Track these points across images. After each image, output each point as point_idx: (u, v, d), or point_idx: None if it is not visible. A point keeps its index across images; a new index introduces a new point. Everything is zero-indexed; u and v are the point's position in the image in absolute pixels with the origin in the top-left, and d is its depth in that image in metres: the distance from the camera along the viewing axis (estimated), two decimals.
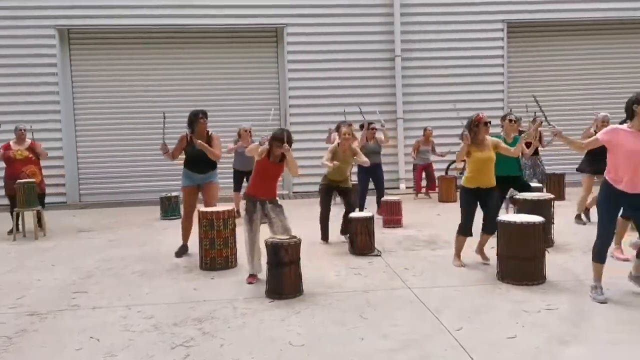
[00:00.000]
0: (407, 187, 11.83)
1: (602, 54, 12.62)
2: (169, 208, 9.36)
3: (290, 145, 5.02)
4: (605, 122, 6.97)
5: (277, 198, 5.28)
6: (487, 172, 5.34)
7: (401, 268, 5.52)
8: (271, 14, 11.74)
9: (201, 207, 5.98)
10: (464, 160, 5.60)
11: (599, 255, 4.34)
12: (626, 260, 5.24)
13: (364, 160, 6.88)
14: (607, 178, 4.27)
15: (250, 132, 8.83)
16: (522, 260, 4.74)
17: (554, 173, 9.72)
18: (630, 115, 4.17)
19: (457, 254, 5.60)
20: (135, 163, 11.83)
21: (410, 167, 11.55)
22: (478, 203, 5.44)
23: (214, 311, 4.38)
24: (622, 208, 4.38)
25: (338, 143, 6.86)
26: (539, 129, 7.02)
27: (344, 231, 6.91)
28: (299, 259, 4.79)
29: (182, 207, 6.87)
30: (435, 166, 10.82)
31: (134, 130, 11.92)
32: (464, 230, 5.46)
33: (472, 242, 5.63)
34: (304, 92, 11.89)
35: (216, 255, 5.66)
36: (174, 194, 9.54)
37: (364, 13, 11.87)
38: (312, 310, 4.33)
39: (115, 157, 11.93)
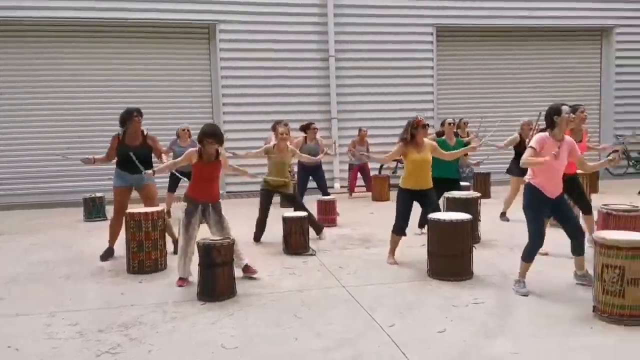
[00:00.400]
0: (341, 187, 11.93)
1: (528, 60, 13.18)
2: (93, 209, 8.94)
3: (222, 142, 4.94)
4: (528, 125, 7.46)
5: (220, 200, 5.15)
6: (424, 173, 5.47)
7: (336, 267, 5.54)
8: (203, 10, 11.48)
9: (132, 208, 5.74)
10: (396, 160, 5.71)
11: (529, 255, 4.51)
12: (545, 254, 5.49)
13: (307, 157, 6.91)
14: (532, 182, 4.45)
15: (189, 131, 8.64)
16: (451, 257, 4.88)
17: (480, 172, 10.10)
18: (550, 124, 4.39)
19: (392, 252, 5.68)
20: (55, 163, 11.08)
21: (345, 167, 11.67)
22: (416, 203, 5.55)
23: (141, 316, 4.20)
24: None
25: (274, 144, 6.81)
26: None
27: (318, 232, 6.93)
28: (232, 260, 4.70)
29: (110, 208, 6.55)
30: (370, 165, 10.98)
31: (53, 129, 11.28)
32: (399, 229, 5.55)
33: (409, 241, 5.74)
34: (237, 90, 11.71)
35: (144, 258, 5.44)
36: (98, 194, 9.12)
37: (299, 12, 11.85)
38: (246, 312, 4.25)
39: (35, 157, 11.24)
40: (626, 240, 3.78)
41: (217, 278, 4.51)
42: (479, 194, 6.48)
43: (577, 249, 4.55)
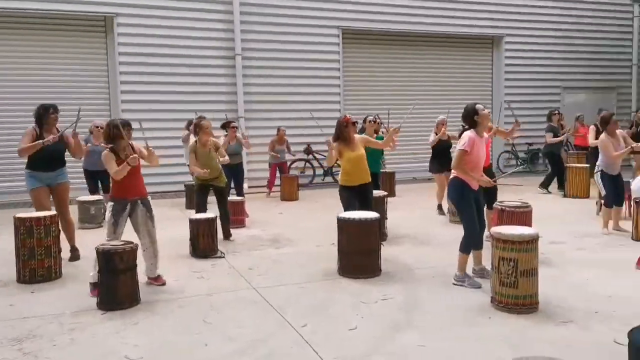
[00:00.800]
0: (250, 187, 11.79)
1: (428, 64, 13.79)
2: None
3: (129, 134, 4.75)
4: (443, 123, 7.98)
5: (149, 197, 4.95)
6: (362, 168, 5.58)
7: (245, 268, 5.45)
8: (99, 1, 10.82)
9: (20, 213, 5.27)
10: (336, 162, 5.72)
11: (467, 248, 4.70)
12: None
13: (225, 157, 6.80)
14: (459, 177, 4.64)
15: (102, 128, 8.17)
16: (361, 255, 4.98)
17: (386, 171, 10.43)
18: (471, 124, 4.65)
19: None
20: None
21: (254, 167, 11.56)
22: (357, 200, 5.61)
23: (36, 328, 3.87)
24: None
25: (196, 140, 6.61)
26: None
27: (226, 236, 6.74)
28: (136, 265, 4.46)
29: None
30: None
31: None
32: None
33: (319, 239, 5.76)
34: (137, 87, 11.16)
35: (37, 266, 5.02)
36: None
37: (203, 8, 11.55)
38: (151, 320, 4.05)
39: None
40: (519, 234, 4.06)
41: (120, 285, 4.26)
42: (386, 193, 6.68)
43: (480, 242, 4.80)
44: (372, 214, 5.14)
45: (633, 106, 15.10)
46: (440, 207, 8.23)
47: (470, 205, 4.66)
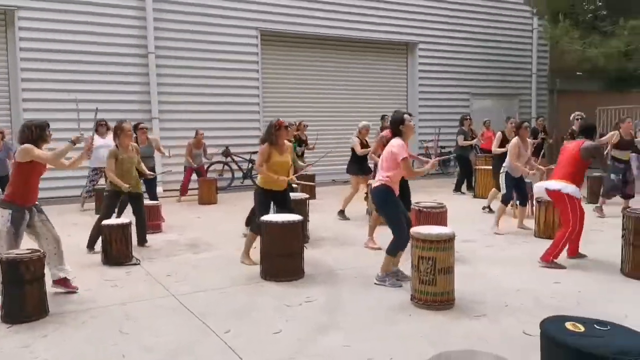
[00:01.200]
0: (164, 190, 11.40)
1: (346, 68, 14.02)
2: None
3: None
4: (367, 130, 8.13)
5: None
6: (283, 175, 5.52)
7: (163, 275, 5.25)
8: None
9: None
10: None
11: (394, 250, 4.75)
12: (379, 249, 5.88)
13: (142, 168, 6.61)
14: (387, 184, 4.71)
15: (3, 133, 7.73)
16: (284, 258, 4.95)
17: (306, 174, 10.46)
18: (396, 132, 4.76)
19: (246, 252, 5.61)
20: None
21: (169, 169, 11.19)
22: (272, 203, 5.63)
23: None
24: None
25: (116, 145, 6.30)
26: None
27: (141, 242, 6.45)
28: (43, 275, 4.16)
29: None
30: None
31: None
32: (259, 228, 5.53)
33: (239, 244, 5.66)
34: (40, 85, 10.44)
35: None
36: None
37: (114, 4, 11.02)
38: (62, 332, 3.79)
39: None
40: (436, 234, 4.21)
41: (26, 296, 3.95)
42: (307, 196, 6.70)
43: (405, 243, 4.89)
44: (295, 216, 5.13)
45: (533, 112, 16.23)
46: (342, 212, 8.30)
47: (397, 208, 4.76)
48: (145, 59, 11.36)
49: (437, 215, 5.71)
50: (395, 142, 4.72)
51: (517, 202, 7.51)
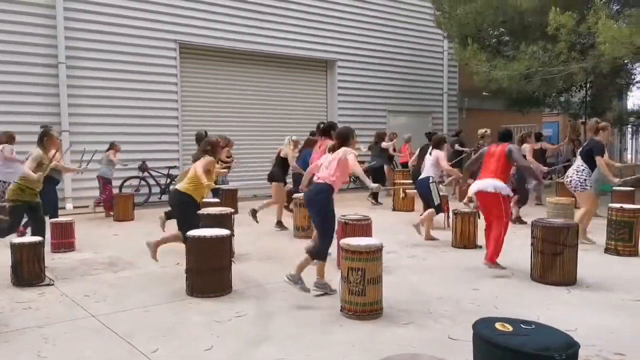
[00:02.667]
0: (74, 207, 10.79)
1: (266, 83, 14.02)
2: None
3: None
4: (297, 142, 8.44)
5: None
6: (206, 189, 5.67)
7: (81, 295, 4.96)
8: None
9: None
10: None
11: (324, 255, 4.85)
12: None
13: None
14: (332, 185, 4.87)
15: None
16: (212, 273, 4.85)
17: (229, 189, 10.34)
18: (344, 144, 5.01)
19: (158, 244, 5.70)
20: None
21: (79, 185, 10.64)
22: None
23: None
24: None
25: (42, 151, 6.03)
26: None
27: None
28: None
29: None
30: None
31: None
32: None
33: (162, 260, 5.47)
34: None
35: None
36: None
37: (21, 11, 10.37)
38: None
39: None
40: (365, 245, 4.31)
41: None
42: (232, 210, 6.62)
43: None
44: (223, 231, 5.05)
45: (444, 129, 17.09)
46: (280, 222, 8.34)
47: (334, 214, 4.91)
48: (55, 69, 10.76)
49: (363, 227, 5.84)
50: (350, 152, 4.91)
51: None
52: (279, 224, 8.35)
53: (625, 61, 11.73)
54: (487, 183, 5.75)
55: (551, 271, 5.29)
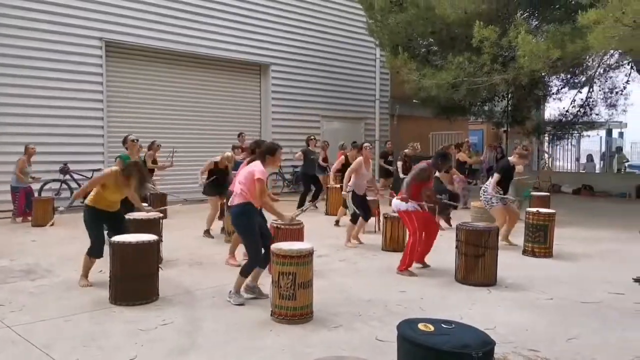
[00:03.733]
0: None
1: (199, 86, 13.72)
2: None
3: None
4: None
5: None
6: (120, 197, 5.48)
7: None
8: None
9: None
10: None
11: (248, 272, 4.77)
12: (238, 266, 5.82)
13: None
14: (249, 206, 4.73)
15: None
16: (137, 280, 4.70)
17: (158, 193, 10.05)
18: (264, 160, 4.83)
19: (85, 275, 5.37)
20: None
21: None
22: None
23: None
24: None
25: None
26: None
27: None
28: None
29: None
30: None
31: None
32: (96, 252, 5.32)
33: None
34: None
35: None
36: None
37: None
38: None
39: None
40: (296, 249, 4.33)
41: None
42: (161, 215, 6.44)
43: (264, 262, 4.88)
44: (149, 236, 4.90)
45: (376, 135, 17.47)
46: (207, 232, 8.20)
47: (255, 229, 4.78)
48: None
49: (295, 232, 5.86)
50: (258, 165, 4.80)
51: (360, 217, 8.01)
52: (207, 232, 8.18)
53: (543, 74, 12.45)
54: (396, 204, 6.05)
55: (474, 272, 5.52)
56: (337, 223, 9.13)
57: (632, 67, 14.34)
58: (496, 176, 7.41)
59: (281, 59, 15.06)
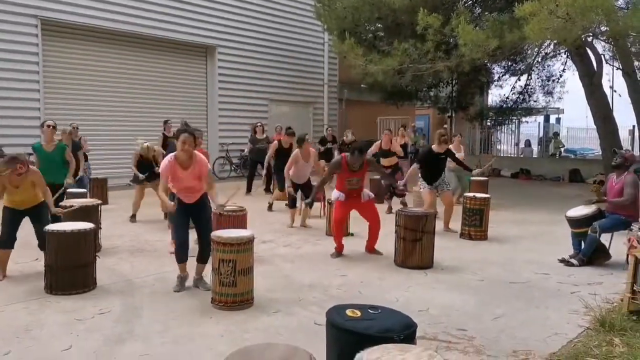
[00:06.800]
0: None
1: (141, 67, 13.36)
2: None
3: None
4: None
5: None
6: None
7: None
8: None
9: None
10: None
11: (177, 258, 4.78)
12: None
13: None
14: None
15: None
16: (74, 269, 4.61)
17: (97, 178, 9.80)
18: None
19: (2, 268, 5.13)
20: None
21: None
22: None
23: None
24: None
25: None
26: None
27: None
28: None
29: None
30: None
31: None
32: (6, 243, 5.07)
33: (16, 256, 5.08)
34: None
35: None
36: None
37: None
38: None
39: None
40: (236, 237, 4.36)
41: None
42: (99, 201, 6.30)
43: (204, 256, 4.85)
44: (86, 224, 4.81)
45: (325, 119, 17.57)
46: (133, 216, 8.14)
47: (180, 217, 4.76)
48: None
49: (238, 219, 5.88)
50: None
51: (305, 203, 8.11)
52: (133, 217, 8.13)
53: (485, 61, 12.84)
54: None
55: (411, 256, 5.72)
56: (270, 207, 9.30)
57: (567, 56, 14.97)
58: (414, 165, 7.72)
59: (228, 40, 14.85)
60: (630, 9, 10.81)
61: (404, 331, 2.48)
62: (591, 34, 10.78)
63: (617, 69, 13.49)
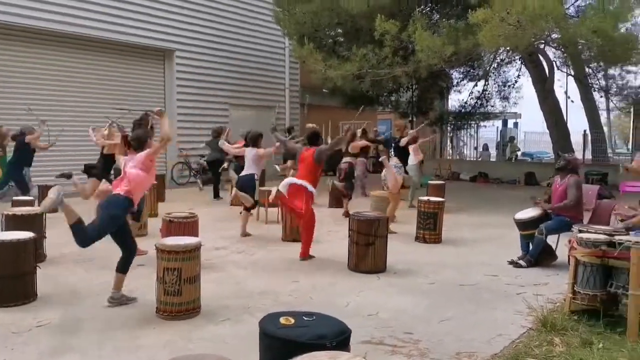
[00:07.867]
0: None
1: (97, 71, 12.98)
2: None
3: None
4: None
5: None
6: None
7: None
8: None
9: None
10: None
11: (125, 267, 4.62)
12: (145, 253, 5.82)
13: None
14: (130, 196, 4.56)
15: None
16: (12, 279, 4.43)
17: (47, 185, 9.47)
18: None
19: None
20: None
21: None
22: None
23: None
24: None
25: None
26: None
27: None
28: None
29: None
30: None
31: None
32: None
33: None
34: None
35: None
36: None
37: None
38: None
39: None
40: (182, 244, 4.27)
41: None
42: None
43: (125, 266, 4.64)
44: (26, 234, 4.64)
45: (287, 123, 17.50)
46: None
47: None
48: None
49: (188, 225, 5.77)
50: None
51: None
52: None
53: (442, 67, 13.05)
54: (298, 180, 6.11)
55: (364, 260, 5.73)
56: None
57: (522, 63, 15.38)
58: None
59: (186, 44, 14.63)
60: (580, 16, 11.18)
61: (337, 337, 2.46)
62: (543, 41, 11.09)
63: (569, 75, 13.94)
